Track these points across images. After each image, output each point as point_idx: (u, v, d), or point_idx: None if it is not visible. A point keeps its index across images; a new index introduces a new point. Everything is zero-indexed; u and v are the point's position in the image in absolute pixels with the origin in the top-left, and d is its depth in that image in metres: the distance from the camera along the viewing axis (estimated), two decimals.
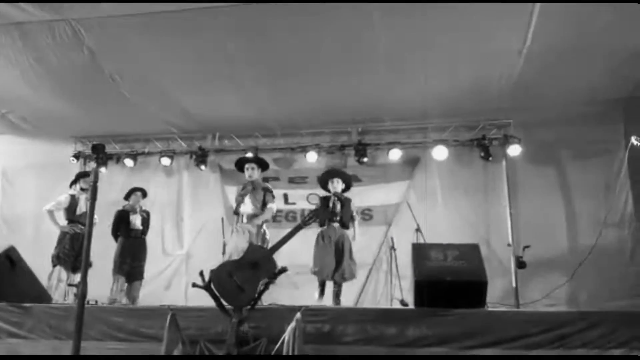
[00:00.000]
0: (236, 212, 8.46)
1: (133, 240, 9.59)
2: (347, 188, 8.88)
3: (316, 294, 8.24)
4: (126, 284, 9.38)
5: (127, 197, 9.93)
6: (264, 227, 8.40)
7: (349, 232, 8.47)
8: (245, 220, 8.30)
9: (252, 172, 8.55)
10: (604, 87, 9.10)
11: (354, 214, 8.63)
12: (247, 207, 8.35)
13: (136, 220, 9.68)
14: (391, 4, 7.03)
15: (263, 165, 8.84)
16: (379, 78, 8.87)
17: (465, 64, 8.50)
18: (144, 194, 10.04)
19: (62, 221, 9.29)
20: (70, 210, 9.26)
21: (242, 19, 7.45)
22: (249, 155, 10.13)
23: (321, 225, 8.44)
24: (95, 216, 9.07)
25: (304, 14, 7.35)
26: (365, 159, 10.91)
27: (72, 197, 9.34)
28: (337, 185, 8.71)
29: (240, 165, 8.80)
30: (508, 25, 7.48)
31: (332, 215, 8.41)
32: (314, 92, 9.50)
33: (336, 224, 8.41)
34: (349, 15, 7.32)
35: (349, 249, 8.27)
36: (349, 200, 8.65)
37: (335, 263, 8.13)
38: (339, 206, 8.47)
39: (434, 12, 7.20)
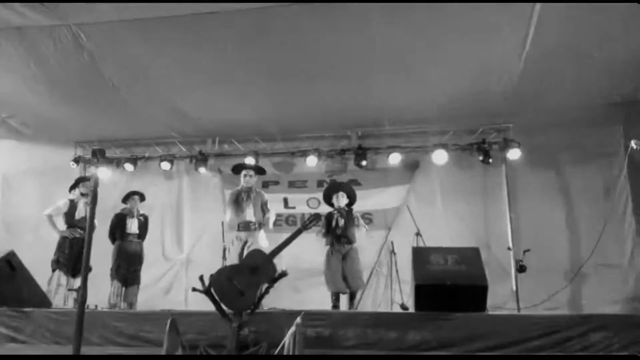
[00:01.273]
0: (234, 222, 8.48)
1: (129, 245, 9.54)
2: (351, 202, 8.93)
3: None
4: (123, 289, 9.35)
5: (125, 200, 9.90)
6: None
7: (356, 245, 8.63)
8: (242, 228, 8.35)
9: (250, 180, 8.59)
10: (603, 91, 9.10)
11: (357, 220, 8.72)
12: (249, 215, 8.36)
13: (132, 224, 9.64)
14: (390, 8, 7.03)
15: (261, 172, 8.99)
16: (379, 82, 8.88)
17: (465, 68, 8.51)
18: (142, 198, 10.01)
19: (62, 226, 9.26)
20: (70, 214, 9.23)
21: (242, 23, 7.45)
22: (249, 162, 10.22)
23: (331, 244, 8.60)
24: (95, 221, 9.09)
25: (304, 19, 7.36)
26: (365, 163, 10.92)
27: (72, 201, 9.32)
28: (341, 199, 8.79)
29: (237, 169, 8.84)
30: (507, 30, 7.48)
31: (341, 232, 8.53)
32: (314, 96, 9.50)
33: (344, 240, 8.54)
34: (348, 19, 7.33)
35: (355, 262, 8.46)
36: (350, 212, 8.70)
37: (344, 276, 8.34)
38: (342, 222, 8.57)
39: (433, 16, 7.21)
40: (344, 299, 8.55)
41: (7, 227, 11.78)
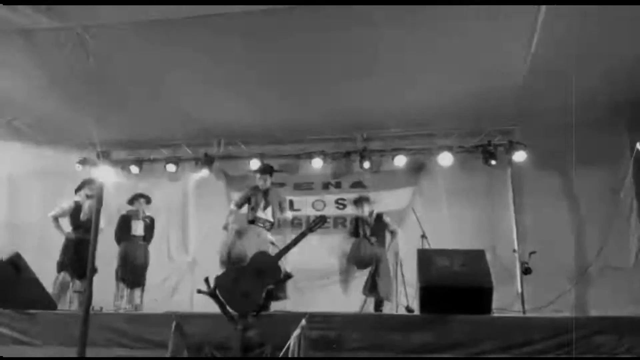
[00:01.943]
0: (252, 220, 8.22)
1: (134, 246, 9.58)
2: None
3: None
4: (127, 290, 9.37)
5: (131, 202, 9.94)
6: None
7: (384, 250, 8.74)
8: (261, 225, 8.12)
9: (265, 183, 8.42)
10: (609, 92, 9.09)
11: (390, 227, 9.00)
12: (268, 215, 8.24)
13: (138, 226, 9.68)
14: (395, 10, 7.03)
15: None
16: (384, 84, 8.88)
17: (470, 70, 8.50)
18: (148, 201, 10.03)
19: (67, 228, 9.28)
20: (75, 216, 9.25)
21: (248, 26, 7.46)
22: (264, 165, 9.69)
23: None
24: (102, 223, 9.12)
25: (309, 21, 7.36)
26: (369, 165, 10.94)
27: (77, 203, 9.33)
28: (365, 209, 9.09)
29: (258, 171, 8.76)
30: (513, 31, 7.46)
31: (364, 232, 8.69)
32: (319, 98, 9.51)
33: (373, 239, 8.71)
34: (354, 21, 7.32)
35: (385, 269, 8.53)
36: (380, 216, 8.97)
37: (371, 279, 8.43)
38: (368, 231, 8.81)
39: (439, 18, 7.20)
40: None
41: (12, 228, 11.80)
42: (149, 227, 9.88)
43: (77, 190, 9.59)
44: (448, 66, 8.39)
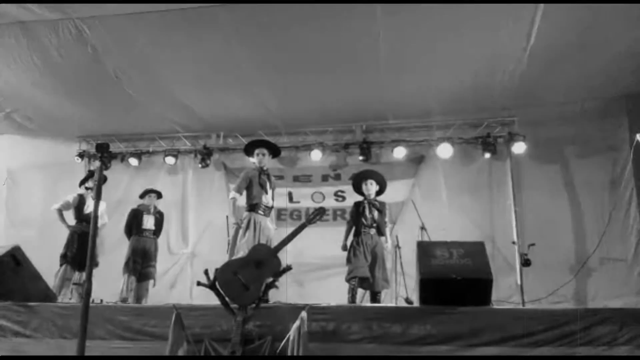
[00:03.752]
0: (254, 204, 7.72)
1: (145, 240, 9.65)
2: (381, 190, 8.59)
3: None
4: (135, 283, 9.39)
5: (143, 197, 10.05)
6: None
7: (383, 239, 8.32)
8: (262, 212, 7.73)
9: (263, 159, 8.00)
10: (608, 84, 9.08)
11: (386, 219, 8.48)
12: (269, 199, 7.88)
13: (149, 221, 9.74)
14: (395, 4, 7.02)
15: (275, 152, 8.32)
16: (383, 76, 8.86)
17: (470, 62, 8.49)
18: (159, 196, 10.11)
19: (71, 220, 9.31)
20: (79, 209, 9.28)
21: (247, 18, 7.45)
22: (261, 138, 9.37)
23: (356, 234, 8.20)
24: (105, 216, 9.17)
25: (308, 14, 7.34)
26: (366, 157, 10.94)
27: (81, 196, 9.36)
28: (370, 187, 8.43)
29: (249, 149, 8.31)
30: (512, 23, 7.46)
31: (369, 222, 8.19)
32: (318, 90, 9.49)
33: (372, 231, 8.19)
34: (352, 14, 7.31)
35: (382, 259, 8.10)
36: (384, 205, 8.46)
37: (369, 271, 7.91)
38: (375, 213, 8.26)
39: (437, 10, 7.18)
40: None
41: (12, 221, 11.81)
42: (159, 221, 9.96)
43: (81, 183, 9.60)
44: (447, 58, 8.38)
